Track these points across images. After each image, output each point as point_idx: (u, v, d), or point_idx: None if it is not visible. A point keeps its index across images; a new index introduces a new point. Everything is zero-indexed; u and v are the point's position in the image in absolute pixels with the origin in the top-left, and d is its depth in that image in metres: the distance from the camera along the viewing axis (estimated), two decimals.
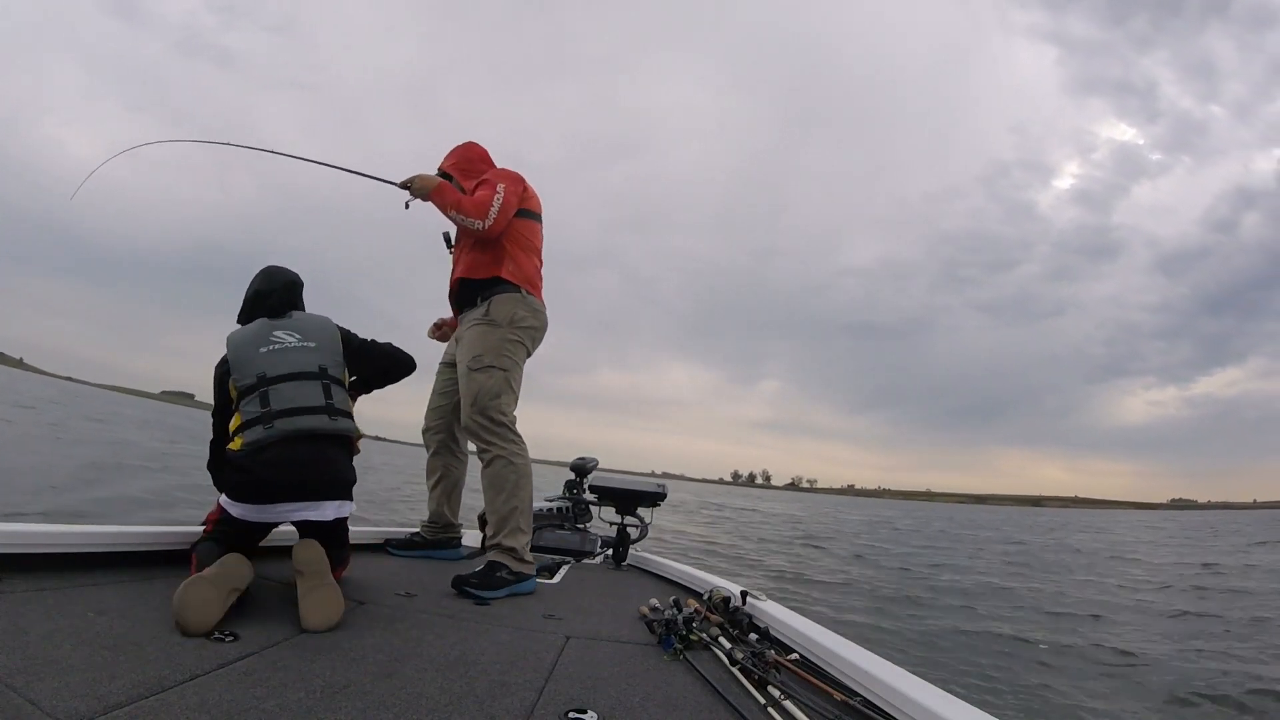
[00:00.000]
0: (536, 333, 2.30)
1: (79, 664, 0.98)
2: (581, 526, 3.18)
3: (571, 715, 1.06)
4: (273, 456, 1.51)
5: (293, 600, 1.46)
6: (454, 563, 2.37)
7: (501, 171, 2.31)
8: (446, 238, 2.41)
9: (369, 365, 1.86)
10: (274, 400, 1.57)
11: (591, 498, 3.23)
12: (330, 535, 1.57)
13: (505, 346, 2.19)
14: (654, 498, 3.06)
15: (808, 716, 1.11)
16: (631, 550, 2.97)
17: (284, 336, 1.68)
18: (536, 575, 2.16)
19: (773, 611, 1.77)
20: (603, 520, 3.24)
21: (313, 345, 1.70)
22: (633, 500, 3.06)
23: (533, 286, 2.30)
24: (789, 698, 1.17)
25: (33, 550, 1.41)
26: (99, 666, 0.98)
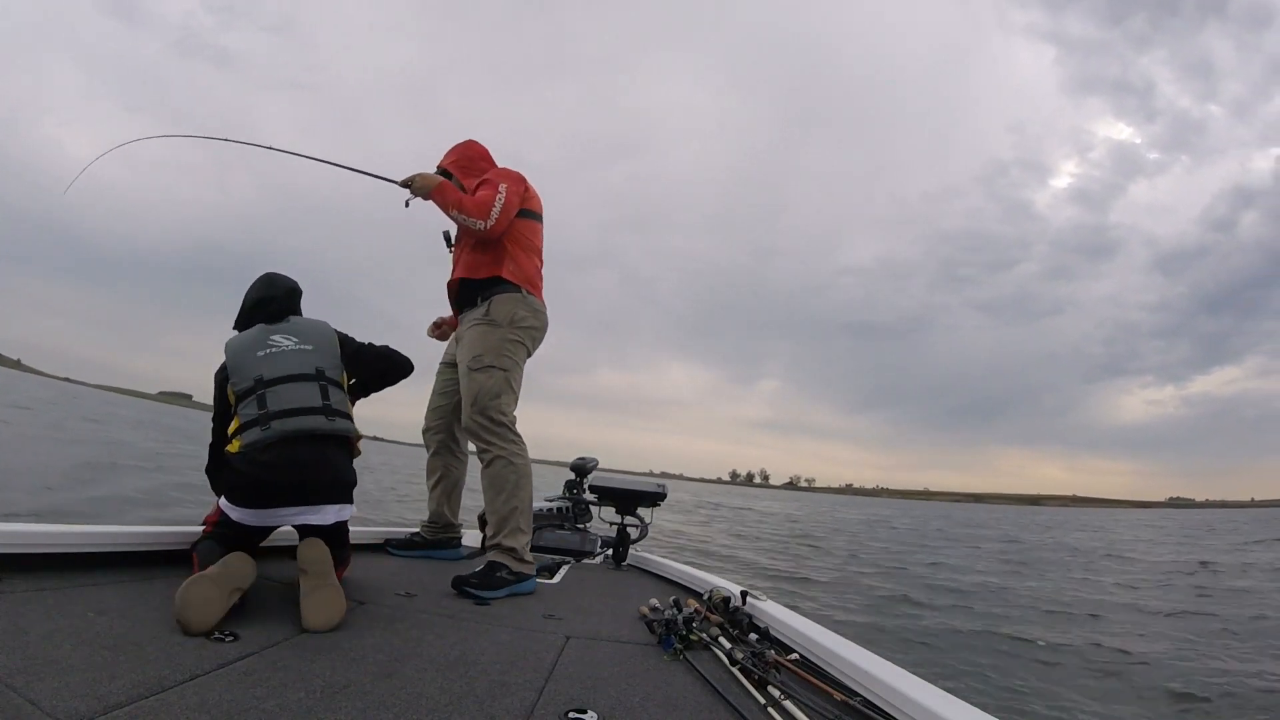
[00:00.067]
0: (537, 333, 2.30)
1: (79, 664, 0.98)
2: (581, 526, 3.18)
3: (571, 715, 1.06)
4: (272, 459, 1.50)
5: (293, 600, 1.45)
6: (454, 563, 2.37)
7: (503, 171, 2.30)
8: (447, 236, 2.40)
9: (366, 368, 1.87)
10: (271, 402, 1.57)
11: (591, 498, 3.23)
12: (331, 537, 1.57)
13: (506, 346, 2.18)
14: (654, 498, 3.06)
15: (808, 716, 1.11)
16: (631, 550, 2.97)
17: (281, 340, 1.69)
18: (536, 575, 2.16)
19: (773, 611, 1.77)
20: (603, 520, 3.24)
21: (309, 348, 1.70)
22: (633, 500, 3.06)
23: (533, 287, 2.29)
24: (789, 698, 1.17)
25: (33, 550, 1.41)
26: (99, 666, 0.98)
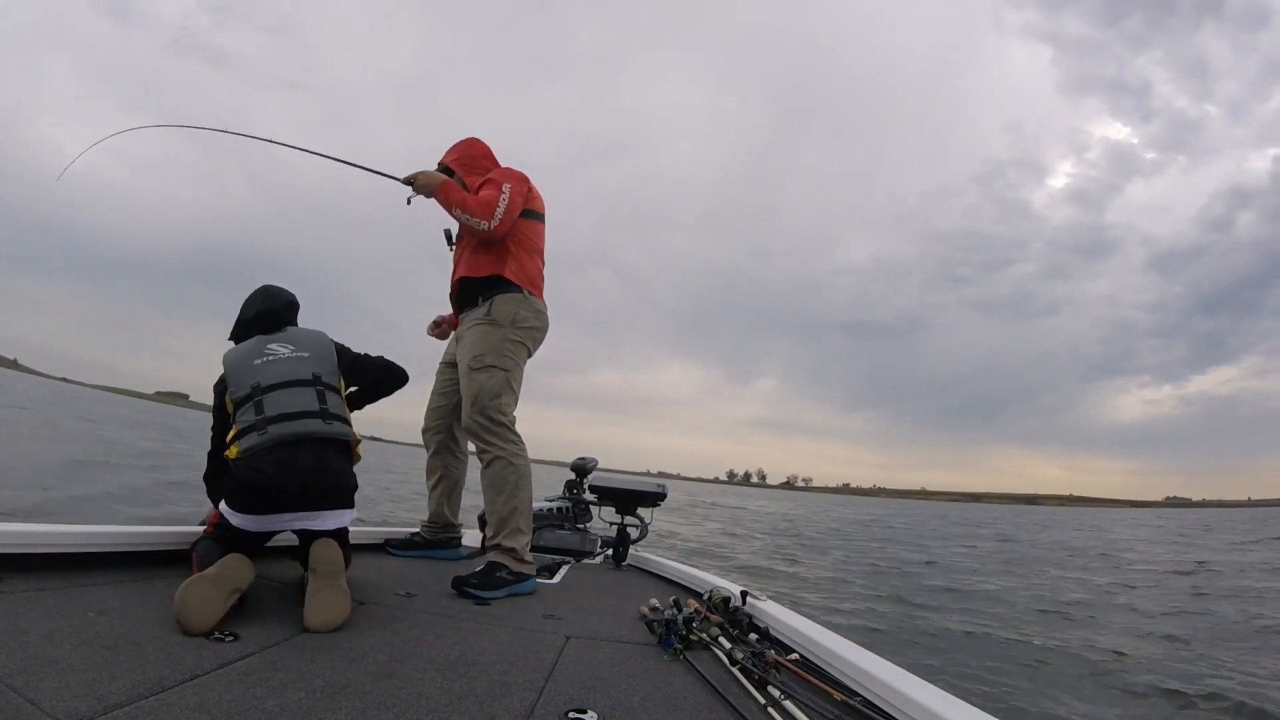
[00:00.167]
0: (538, 333, 2.30)
1: (79, 664, 0.98)
2: (581, 526, 3.18)
3: (571, 715, 1.06)
4: (272, 465, 1.50)
5: (293, 600, 1.45)
6: (454, 563, 2.37)
7: (506, 171, 2.30)
8: (448, 235, 2.40)
9: (362, 378, 1.87)
10: (268, 407, 1.57)
11: (591, 498, 3.23)
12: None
13: (506, 347, 2.18)
14: (654, 498, 3.06)
15: (808, 716, 1.11)
16: (631, 550, 2.97)
17: (277, 348, 1.70)
18: (536, 575, 2.16)
19: (773, 611, 1.77)
20: (603, 520, 3.24)
21: (306, 355, 1.71)
22: (633, 500, 3.06)
23: (535, 287, 2.29)
24: (789, 698, 1.17)
25: (33, 550, 1.41)
26: (99, 666, 0.98)
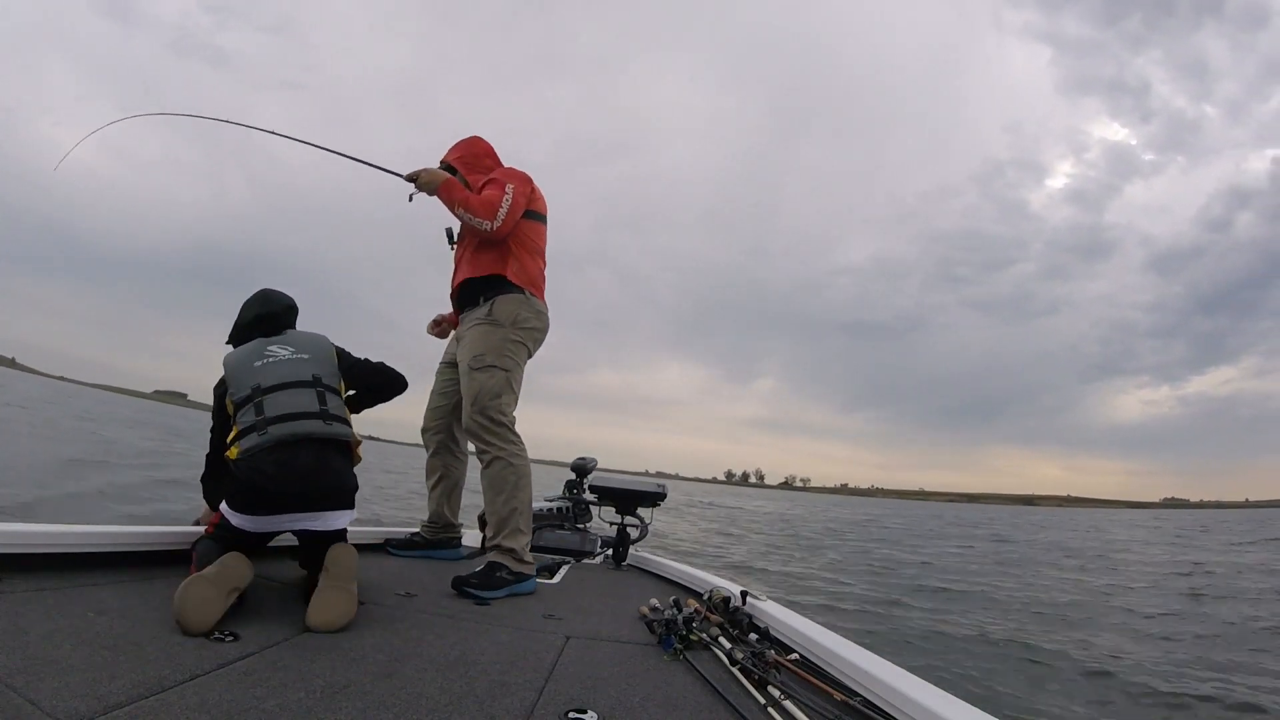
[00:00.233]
0: (539, 334, 2.30)
1: (79, 664, 0.98)
2: (581, 526, 3.18)
3: (571, 715, 1.06)
4: (273, 466, 1.50)
5: (294, 600, 1.45)
6: (454, 563, 2.37)
7: (510, 171, 2.29)
8: (449, 233, 2.39)
9: (360, 382, 1.88)
10: (268, 408, 1.57)
11: (591, 498, 3.23)
12: (331, 543, 1.57)
13: (507, 347, 2.18)
14: (654, 498, 3.06)
15: (808, 716, 1.10)
16: (631, 550, 2.97)
17: (277, 350, 1.70)
18: (536, 575, 2.16)
19: (773, 611, 1.77)
20: (603, 520, 3.24)
21: (306, 356, 1.72)
22: (633, 500, 3.06)
23: (536, 289, 2.29)
24: (789, 698, 1.17)
25: (33, 550, 1.41)
26: (99, 666, 0.98)
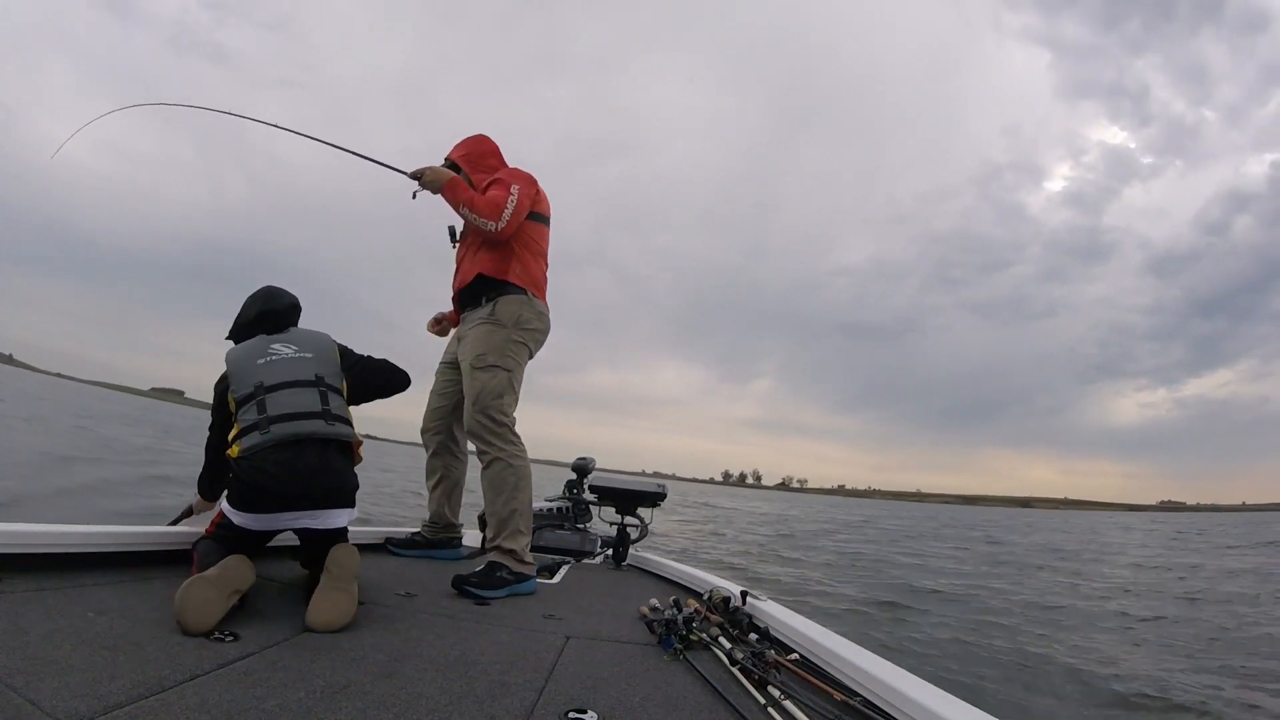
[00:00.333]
0: (540, 336, 2.30)
1: (79, 664, 0.98)
2: (581, 526, 3.18)
3: (571, 715, 1.06)
4: (274, 464, 1.50)
5: (294, 600, 1.45)
6: (454, 563, 2.37)
7: (515, 171, 2.29)
8: (451, 232, 2.39)
9: (364, 381, 1.88)
10: (271, 407, 1.58)
11: (591, 498, 3.23)
12: (332, 542, 1.57)
13: (509, 347, 2.18)
14: (654, 498, 3.06)
15: (808, 716, 1.10)
16: (631, 550, 2.97)
17: (280, 348, 1.70)
18: (536, 575, 2.16)
19: (773, 611, 1.77)
20: (603, 520, 3.24)
21: (309, 355, 1.72)
22: (633, 500, 3.06)
23: (538, 290, 2.29)
24: (789, 698, 1.17)
25: (33, 550, 1.41)
26: (99, 666, 0.98)
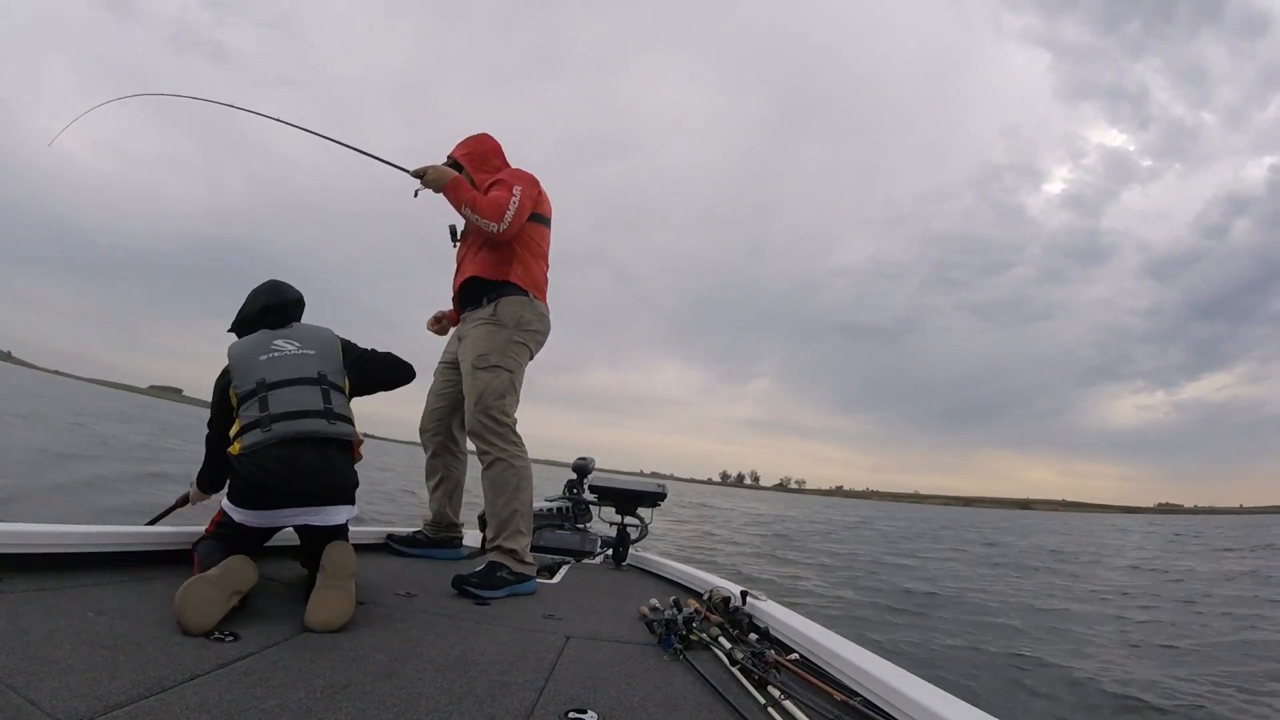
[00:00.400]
0: (540, 337, 2.30)
1: (79, 664, 0.98)
2: (581, 526, 3.18)
3: (571, 715, 1.06)
4: (274, 462, 1.51)
5: (294, 600, 1.45)
6: (454, 563, 2.37)
7: (517, 172, 2.28)
8: (452, 230, 2.38)
9: (369, 375, 1.87)
10: (273, 404, 1.58)
11: (591, 498, 3.24)
12: (334, 538, 1.57)
13: (511, 348, 2.19)
14: (654, 498, 3.06)
15: (808, 716, 1.11)
16: (631, 550, 2.97)
17: (283, 345, 1.70)
18: (536, 575, 2.16)
19: (773, 611, 1.77)
20: (603, 520, 3.24)
21: (312, 353, 1.71)
22: (633, 500, 3.06)
23: (539, 291, 2.29)
24: (789, 698, 1.17)
25: (33, 550, 1.41)
26: (99, 666, 0.98)
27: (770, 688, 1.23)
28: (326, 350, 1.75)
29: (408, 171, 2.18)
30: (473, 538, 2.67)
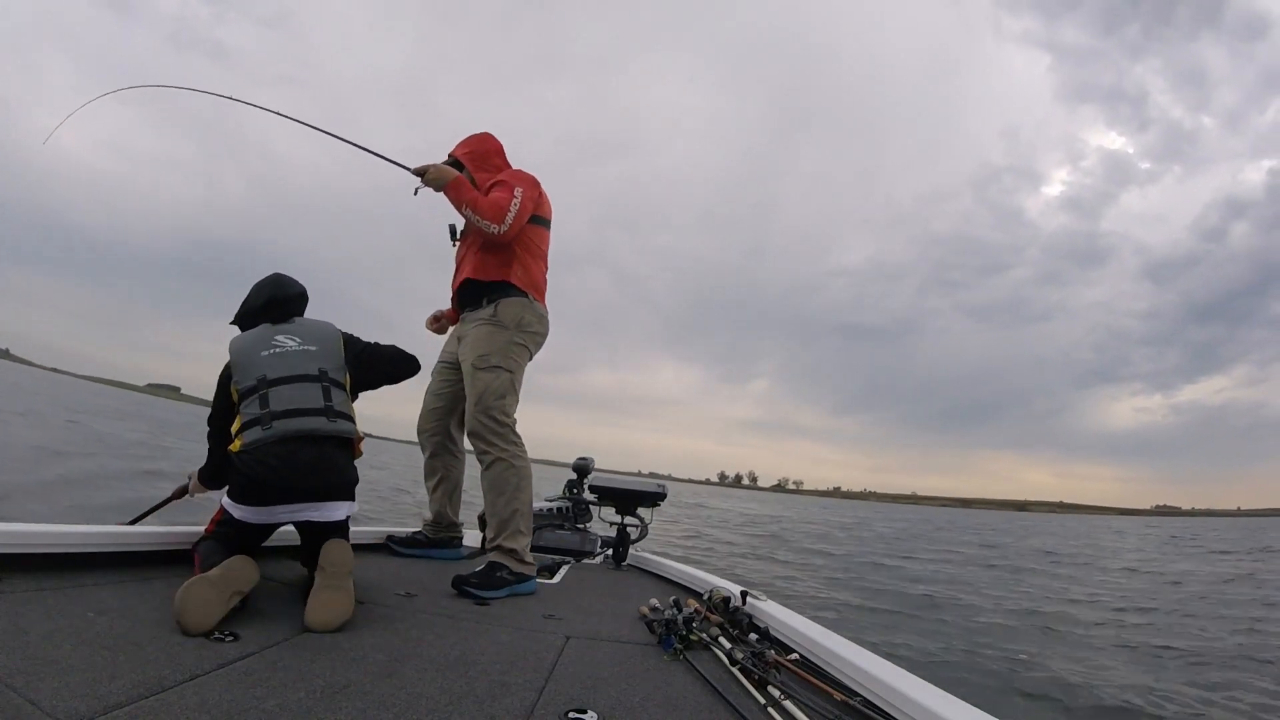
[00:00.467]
0: (540, 338, 2.31)
1: (79, 664, 0.98)
2: (581, 526, 3.18)
3: (571, 715, 1.06)
4: (273, 459, 1.51)
5: (294, 600, 1.45)
6: (454, 563, 2.37)
7: (518, 174, 2.28)
8: (452, 229, 2.38)
9: (373, 368, 1.87)
10: (273, 402, 1.57)
11: (591, 498, 3.24)
12: (334, 534, 1.57)
13: (511, 349, 2.19)
14: (654, 498, 3.06)
15: (808, 716, 1.11)
16: (631, 550, 2.97)
17: (285, 340, 1.69)
18: (536, 575, 2.16)
19: (773, 611, 1.77)
20: (603, 520, 3.24)
21: (313, 349, 1.71)
22: (633, 500, 3.06)
23: (539, 293, 2.29)
24: (789, 698, 1.17)
25: (33, 550, 1.41)
26: (99, 666, 0.98)
27: (770, 688, 1.23)
28: (328, 346, 1.75)
29: (409, 170, 2.18)
30: (473, 538, 2.67)
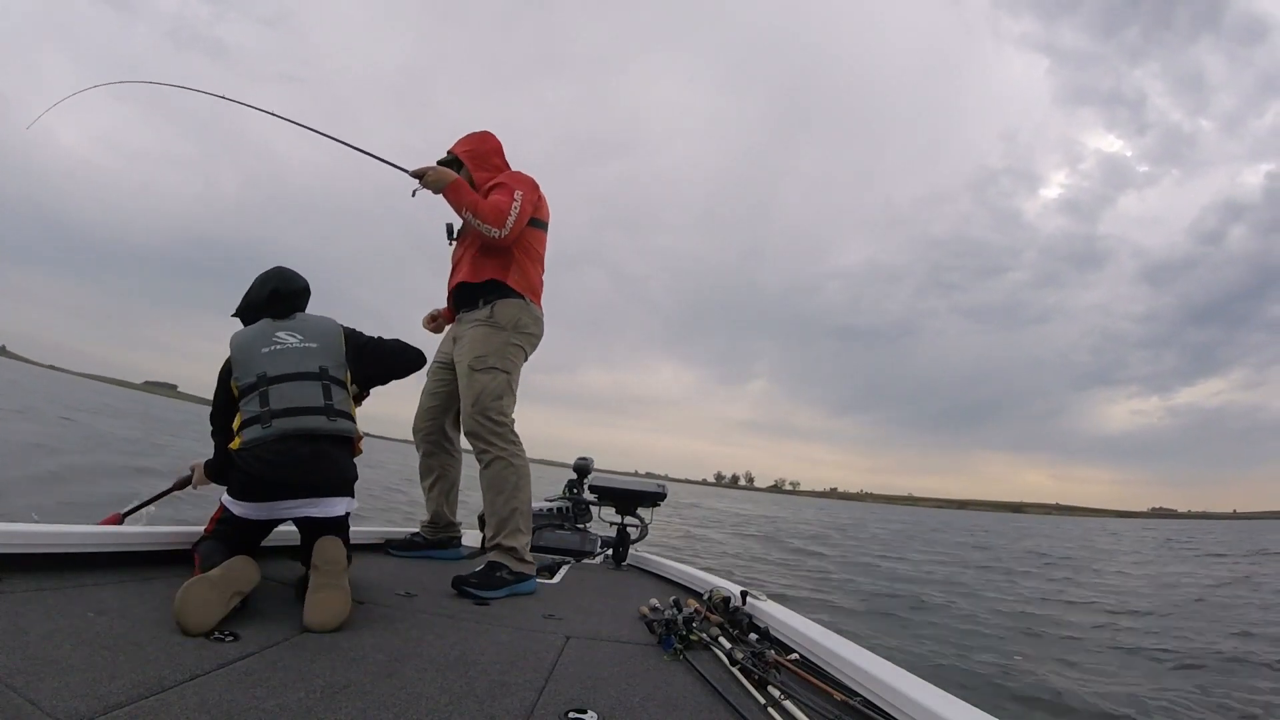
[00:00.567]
0: (535, 340, 2.31)
1: (79, 664, 0.98)
2: (581, 526, 3.18)
3: (571, 715, 1.06)
4: (273, 456, 1.51)
5: (294, 600, 1.44)
6: (454, 563, 2.37)
7: (518, 176, 2.28)
8: (449, 229, 2.37)
9: (376, 363, 1.86)
10: (273, 400, 1.57)
11: (591, 498, 3.24)
12: (333, 531, 1.56)
13: (508, 350, 2.19)
14: (654, 498, 3.06)
15: (808, 716, 1.11)
16: (631, 550, 2.97)
17: (286, 337, 1.68)
18: (536, 575, 2.16)
19: (773, 611, 1.78)
20: (603, 520, 3.24)
21: (314, 346, 1.70)
22: (633, 500, 3.06)
23: (535, 295, 2.30)
24: (789, 698, 1.17)
25: (33, 550, 1.41)
26: (99, 666, 0.98)
27: (770, 688, 1.23)
28: (329, 343, 1.73)
29: (407, 171, 2.17)
30: (472, 537, 2.67)
